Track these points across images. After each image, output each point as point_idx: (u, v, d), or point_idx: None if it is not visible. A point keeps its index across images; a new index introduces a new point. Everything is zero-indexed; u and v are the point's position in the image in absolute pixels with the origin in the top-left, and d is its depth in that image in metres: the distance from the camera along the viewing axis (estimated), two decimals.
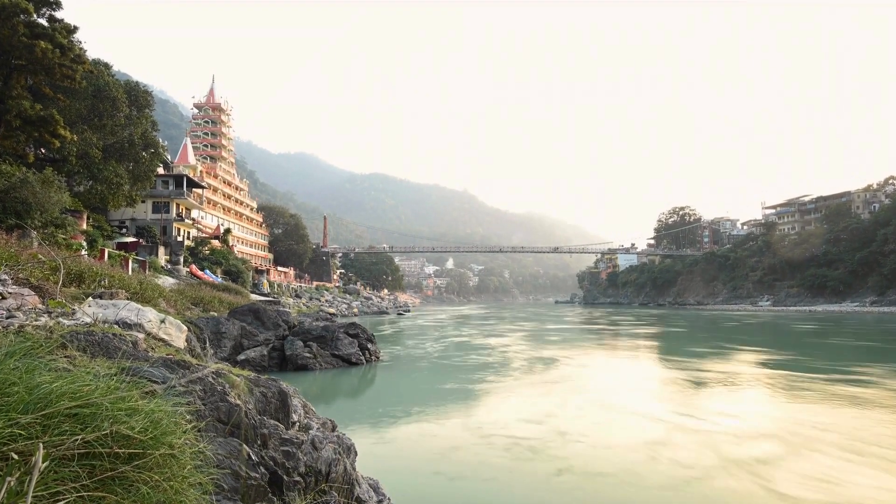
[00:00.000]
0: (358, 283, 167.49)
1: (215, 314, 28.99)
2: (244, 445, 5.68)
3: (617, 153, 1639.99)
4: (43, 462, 2.92)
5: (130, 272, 31.93)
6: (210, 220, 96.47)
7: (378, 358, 28.39)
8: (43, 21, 34.98)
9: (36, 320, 8.53)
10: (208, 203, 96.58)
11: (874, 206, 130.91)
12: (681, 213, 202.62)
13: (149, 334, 10.29)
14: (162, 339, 10.65)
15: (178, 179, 77.83)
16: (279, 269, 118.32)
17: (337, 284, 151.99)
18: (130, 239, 55.80)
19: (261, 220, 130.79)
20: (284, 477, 6.08)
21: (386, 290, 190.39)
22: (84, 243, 36.16)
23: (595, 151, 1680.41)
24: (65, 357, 5.50)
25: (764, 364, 27.23)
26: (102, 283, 17.81)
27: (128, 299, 13.99)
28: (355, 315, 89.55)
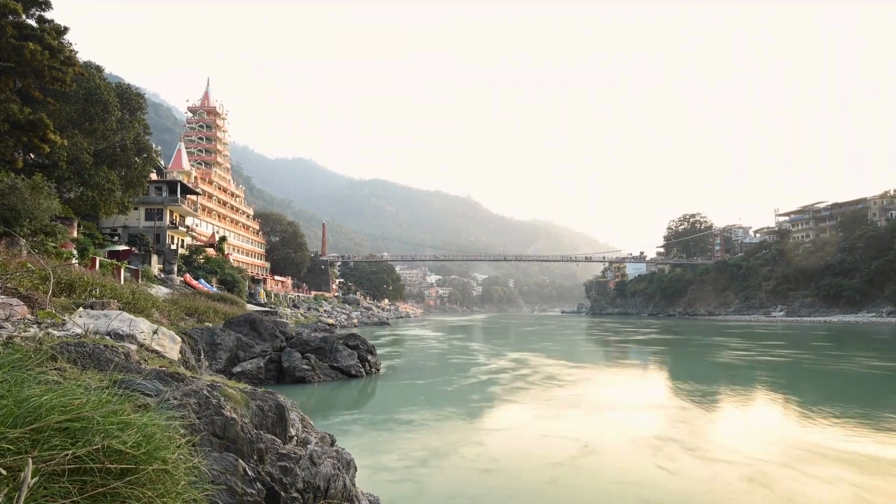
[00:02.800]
0: (357, 293, 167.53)
1: (210, 325, 28.99)
2: (240, 460, 5.68)
3: (625, 159, 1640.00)
4: (32, 478, 2.92)
5: (122, 281, 31.97)
6: (205, 227, 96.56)
7: (378, 370, 28.37)
8: (32, 22, 35.02)
9: (25, 331, 8.52)
10: (203, 210, 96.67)
11: (891, 214, 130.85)
12: (691, 220, 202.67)
13: (141, 346, 10.29)
14: (155, 351, 10.64)
15: (172, 186, 77.95)
16: (276, 278, 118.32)
17: (336, 294, 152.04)
18: (122, 247, 55.86)
19: (257, 227, 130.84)
20: (282, 493, 6.08)
21: (387, 300, 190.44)
22: (75, 252, 36.20)
23: (602, 157, 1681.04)
24: (55, 369, 5.50)
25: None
26: (94, 292, 17.83)
27: (120, 309, 13.99)
28: (355, 326, 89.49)
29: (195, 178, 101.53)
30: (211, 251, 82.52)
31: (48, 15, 36.23)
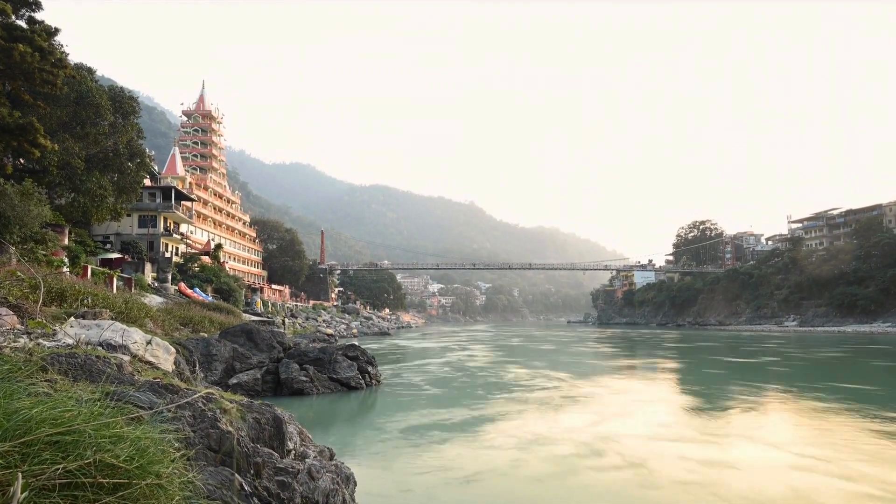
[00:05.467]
0: (357, 302, 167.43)
1: (205, 335, 29.00)
2: (236, 475, 5.66)
3: (632, 164, 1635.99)
4: (22, 492, 2.91)
5: (115, 290, 32.00)
6: (200, 234, 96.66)
7: (379, 382, 28.36)
8: (22, 23, 35.08)
9: (14, 342, 8.53)
10: (198, 217, 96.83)
11: None
12: (701, 227, 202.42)
13: (135, 356, 10.29)
14: (149, 362, 10.64)
15: (166, 191, 78.04)
16: (274, 286, 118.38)
17: (335, 303, 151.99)
18: (115, 255, 55.91)
19: (254, 234, 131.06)
20: None
21: (387, 310, 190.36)
22: (66, 260, 36.27)
23: (609, 162, 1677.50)
24: (45, 381, 5.49)
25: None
26: (85, 301, 17.83)
27: (112, 319, 14.00)
28: (354, 336, 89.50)
29: (190, 183, 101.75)
30: (206, 259, 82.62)
31: (38, 16, 36.32)
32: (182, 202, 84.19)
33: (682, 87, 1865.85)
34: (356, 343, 34.49)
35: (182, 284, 62.96)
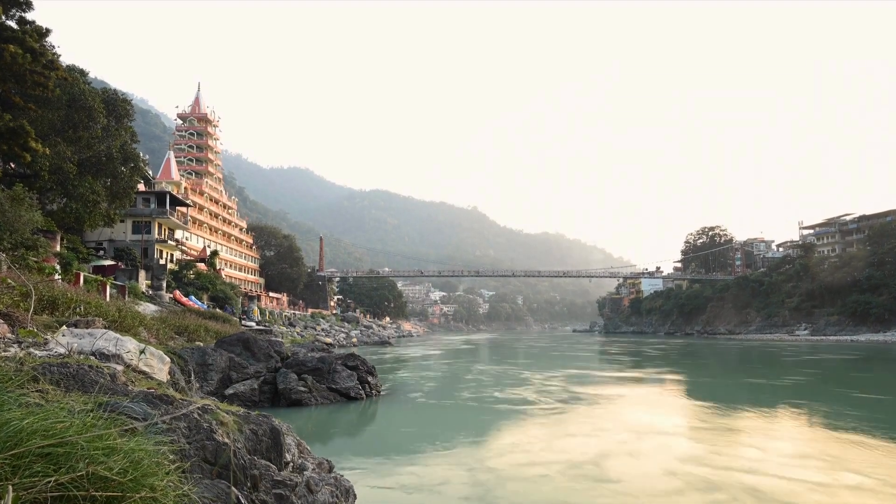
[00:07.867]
0: (357, 311, 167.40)
1: (201, 344, 28.95)
2: (233, 488, 5.64)
3: (639, 168, 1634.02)
4: None
5: (108, 298, 31.95)
6: (195, 241, 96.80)
7: (379, 392, 28.32)
8: (12, 23, 35.16)
9: (5, 351, 8.52)
10: (193, 223, 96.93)
11: None
12: (710, 233, 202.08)
13: (128, 366, 10.28)
14: (143, 372, 10.63)
15: (161, 197, 78.14)
16: (271, 294, 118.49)
17: (334, 312, 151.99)
18: (108, 262, 55.91)
19: (251, 241, 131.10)
20: None
21: (388, 318, 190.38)
22: (57, 267, 36.22)
23: (615, 166, 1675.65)
24: (36, 391, 5.48)
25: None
26: (78, 310, 17.81)
27: (105, 328, 14.00)
28: (354, 345, 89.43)
29: (185, 188, 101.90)
30: (202, 266, 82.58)
31: (29, 16, 36.40)
32: (177, 208, 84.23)
33: (690, 89, 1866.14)
34: (356, 352, 34.47)
35: (177, 292, 62.97)
